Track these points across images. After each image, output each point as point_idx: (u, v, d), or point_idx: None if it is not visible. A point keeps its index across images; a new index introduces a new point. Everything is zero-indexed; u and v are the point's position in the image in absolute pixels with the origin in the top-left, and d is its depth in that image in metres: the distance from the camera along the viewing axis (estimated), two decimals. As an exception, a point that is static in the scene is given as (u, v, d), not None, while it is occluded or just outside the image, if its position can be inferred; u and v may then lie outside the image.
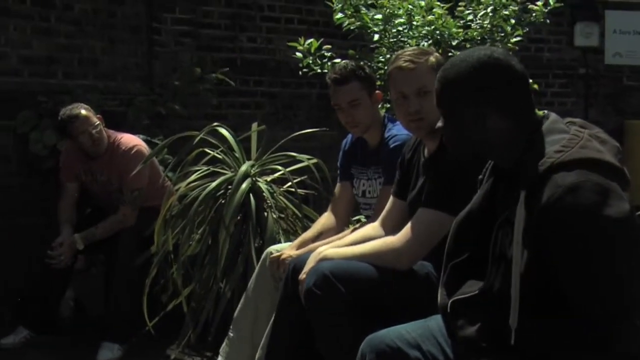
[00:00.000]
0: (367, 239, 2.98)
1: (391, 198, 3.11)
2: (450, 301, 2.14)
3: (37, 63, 5.21)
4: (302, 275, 2.88)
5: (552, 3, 4.53)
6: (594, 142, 1.98)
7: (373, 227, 3.13)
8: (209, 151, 4.29)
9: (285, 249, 3.54)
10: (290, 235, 4.18)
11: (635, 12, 8.14)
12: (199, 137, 4.17)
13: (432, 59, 2.87)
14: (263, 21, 6.46)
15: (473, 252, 2.18)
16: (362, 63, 3.75)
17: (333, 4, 4.57)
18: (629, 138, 7.54)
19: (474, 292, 2.07)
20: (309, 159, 4.25)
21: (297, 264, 3.03)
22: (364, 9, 4.44)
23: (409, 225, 2.75)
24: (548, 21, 4.67)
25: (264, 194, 4.17)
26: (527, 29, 4.55)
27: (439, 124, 2.18)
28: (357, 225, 3.53)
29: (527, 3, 4.54)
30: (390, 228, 3.03)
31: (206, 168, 4.25)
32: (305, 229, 4.08)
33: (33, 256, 4.64)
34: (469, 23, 4.42)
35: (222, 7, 6.25)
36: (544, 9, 4.50)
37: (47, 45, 5.25)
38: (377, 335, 2.31)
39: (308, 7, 6.65)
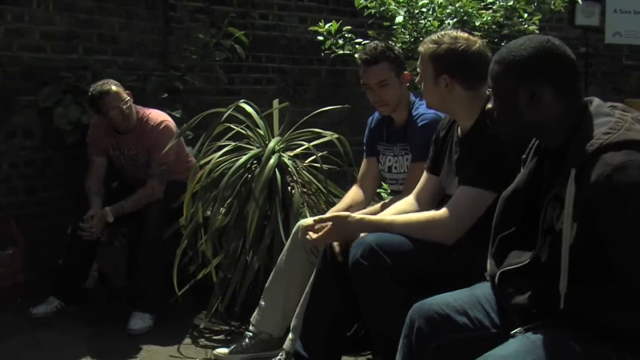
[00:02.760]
0: (403, 213, 3.14)
1: (425, 174, 3.26)
2: (499, 271, 2.30)
3: (59, 39, 5.29)
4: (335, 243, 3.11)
5: None
6: (637, 124, 2.14)
7: (407, 202, 3.27)
8: (234, 127, 4.41)
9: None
10: (312, 209, 4.31)
11: (636, -9, 8.30)
12: (227, 114, 4.28)
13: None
14: (275, -2, 6.58)
15: (519, 225, 2.34)
16: (390, 43, 3.87)
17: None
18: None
19: (524, 262, 2.23)
20: (331, 134, 4.40)
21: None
22: (386, -10, 4.56)
23: (452, 202, 2.90)
24: (563, 10, 4.84)
25: (289, 169, 4.30)
26: (546, 15, 4.69)
27: (489, 105, 2.32)
28: (387, 201, 3.67)
29: None
30: (425, 202, 3.20)
31: (234, 143, 4.37)
32: (328, 203, 4.23)
33: (57, 229, 4.78)
34: (489, 6, 4.54)
35: (234, -17, 6.35)
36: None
37: (68, 20, 5.33)
38: (425, 303, 2.46)
39: (318, -16, 6.78)
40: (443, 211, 2.90)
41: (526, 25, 4.52)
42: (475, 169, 2.87)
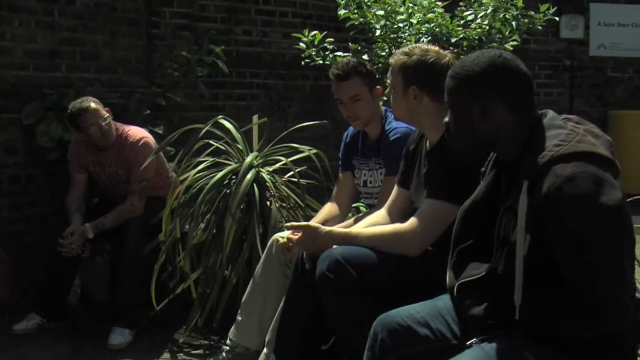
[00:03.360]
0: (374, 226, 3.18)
1: (395, 187, 3.30)
2: (457, 283, 2.33)
3: (42, 57, 5.34)
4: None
5: (549, 14, 4.74)
6: (589, 136, 2.17)
7: (379, 215, 3.31)
8: (213, 143, 4.45)
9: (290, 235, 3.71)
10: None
11: (619, 4, 8.39)
12: (205, 130, 4.33)
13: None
14: (258, 14, 6.63)
15: (477, 238, 2.38)
16: (363, 58, 3.92)
17: (338, -1, 4.73)
18: (612, 128, 7.76)
19: (481, 274, 2.26)
20: (309, 149, 4.43)
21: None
22: (366, 5, 4.60)
23: (418, 215, 2.94)
24: (543, 28, 4.91)
25: (267, 183, 4.34)
26: (525, 35, 4.76)
27: (446, 119, 2.36)
28: (361, 215, 3.71)
29: (525, 11, 4.74)
30: (396, 215, 3.24)
31: (211, 159, 4.41)
32: (306, 217, 4.26)
33: (41, 245, 4.80)
34: (468, 22, 4.60)
35: (218, 0, 6.40)
36: (542, 17, 4.72)
37: (51, 39, 5.38)
38: (388, 315, 2.49)
39: (302, 0, 6.83)
40: (408, 224, 2.94)
41: (503, 43, 4.56)
42: (441, 182, 2.91)
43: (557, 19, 4.87)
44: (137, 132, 4.63)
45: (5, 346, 4.21)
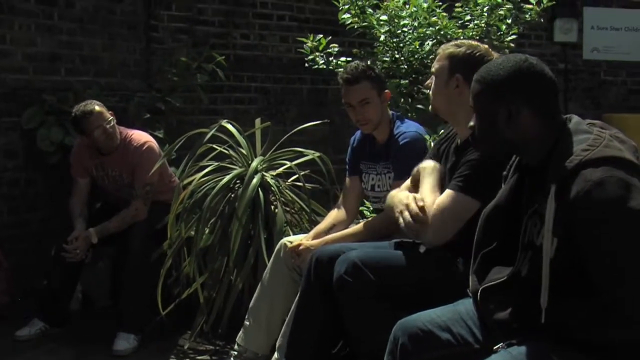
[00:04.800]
0: None
1: None
2: (481, 288, 2.33)
3: (41, 60, 5.31)
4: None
5: (544, 2, 4.72)
6: (615, 141, 2.18)
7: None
8: (216, 147, 4.44)
9: (299, 240, 3.70)
10: (294, 228, 4.32)
11: (612, 8, 8.42)
12: (210, 134, 4.32)
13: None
14: (255, 18, 6.61)
15: (500, 242, 2.37)
16: (370, 63, 3.91)
17: (339, 3, 4.70)
18: (607, 131, 7.76)
19: (503, 278, 2.26)
20: (314, 153, 4.42)
21: (320, 256, 3.20)
22: (369, 9, 4.59)
23: (438, 205, 2.89)
24: (542, 20, 4.87)
25: (272, 188, 4.32)
26: (522, 28, 4.74)
27: (471, 123, 2.35)
28: (369, 220, 3.70)
29: (521, 3, 4.73)
30: None
31: (216, 164, 4.39)
32: (311, 221, 4.25)
33: (40, 249, 4.77)
34: (466, 23, 4.60)
35: (216, 4, 6.40)
36: (537, 8, 4.70)
37: (50, 42, 5.35)
38: (409, 319, 2.48)
39: (299, 4, 6.83)
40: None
41: (503, 40, 4.56)
42: (463, 175, 2.89)
43: (553, 2, 4.82)
44: (140, 137, 4.61)
45: (8, 352, 4.19)
